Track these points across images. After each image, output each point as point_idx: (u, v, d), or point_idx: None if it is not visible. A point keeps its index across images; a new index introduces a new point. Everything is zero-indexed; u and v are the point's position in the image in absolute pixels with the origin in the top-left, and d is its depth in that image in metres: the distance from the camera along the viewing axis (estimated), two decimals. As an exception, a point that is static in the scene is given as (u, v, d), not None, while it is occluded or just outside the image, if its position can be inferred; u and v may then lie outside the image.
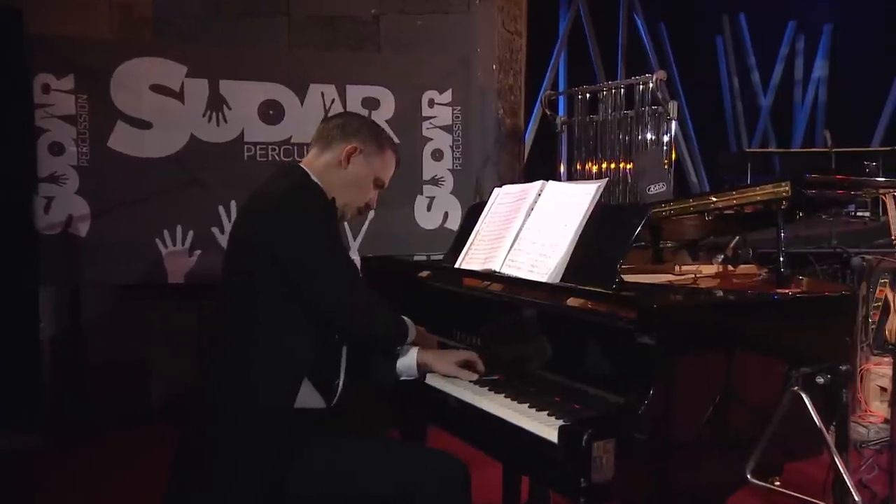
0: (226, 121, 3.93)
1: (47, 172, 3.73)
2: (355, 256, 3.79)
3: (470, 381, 1.91)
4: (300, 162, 2.05)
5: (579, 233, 1.91)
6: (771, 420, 1.65)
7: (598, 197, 1.95)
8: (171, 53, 3.86)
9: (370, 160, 2.05)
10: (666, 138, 4.05)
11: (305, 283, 1.81)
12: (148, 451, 3.03)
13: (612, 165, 4.28)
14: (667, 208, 2.26)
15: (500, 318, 2.04)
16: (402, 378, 2.01)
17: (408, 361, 1.98)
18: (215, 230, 3.88)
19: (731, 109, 9.43)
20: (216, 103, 3.92)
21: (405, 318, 2.02)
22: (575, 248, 1.90)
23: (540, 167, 4.91)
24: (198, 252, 3.89)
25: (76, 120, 3.73)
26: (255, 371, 1.80)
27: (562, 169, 4.70)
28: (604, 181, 2.02)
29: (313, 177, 1.96)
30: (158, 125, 3.84)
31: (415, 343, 2.02)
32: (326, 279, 1.82)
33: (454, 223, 4.11)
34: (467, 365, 1.97)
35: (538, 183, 2.17)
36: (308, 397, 1.87)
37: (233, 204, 3.89)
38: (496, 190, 2.37)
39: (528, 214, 2.11)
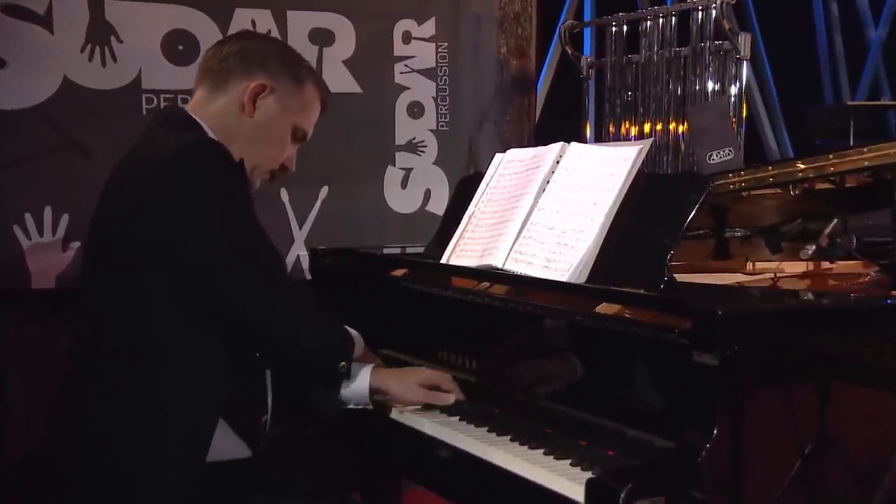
0: (115, 59, 3.91)
1: None
2: (302, 251, 3.80)
3: (463, 421, 1.93)
4: (185, 107, 2.04)
5: (613, 214, 1.94)
6: (889, 470, 1.68)
7: (639, 164, 1.98)
8: (34, -39, 3.85)
9: (285, 102, 2.05)
10: (734, 88, 4.08)
11: (204, 277, 1.81)
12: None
13: (659, 126, 4.30)
14: (736, 180, 2.30)
15: (502, 333, 2.06)
16: (349, 407, 2.02)
17: (358, 385, 2.00)
18: (100, 214, 3.88)
19: (826, 47, 9.48)
20: (100, 34, 3.90)
21: (349, 328, 2.04)
22: (607, 235, 1.93)
23: (558, 127, 4.94)
24: (75, 245, 3.86)
25: None
26: (141, 414, 1.80)
27: (588, 131, 4.73)
28: (647, 142, 2.05)
29: (207, 129, 1.97)
30: (15, 64, 3.80)
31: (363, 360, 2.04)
32: (234, 271, 1.83)
33: (439, 204, 4.12)
34: (435, 389, 2.01)
35: (556, 145, 2.20)
36: (225, 444, 1.88)
37: (125, 177, 3.89)
38: (498, 156, 2.40)
39: (542, 189, 2.14)
